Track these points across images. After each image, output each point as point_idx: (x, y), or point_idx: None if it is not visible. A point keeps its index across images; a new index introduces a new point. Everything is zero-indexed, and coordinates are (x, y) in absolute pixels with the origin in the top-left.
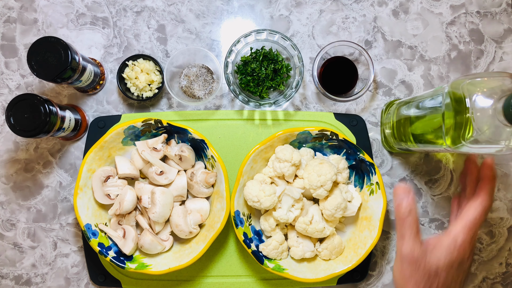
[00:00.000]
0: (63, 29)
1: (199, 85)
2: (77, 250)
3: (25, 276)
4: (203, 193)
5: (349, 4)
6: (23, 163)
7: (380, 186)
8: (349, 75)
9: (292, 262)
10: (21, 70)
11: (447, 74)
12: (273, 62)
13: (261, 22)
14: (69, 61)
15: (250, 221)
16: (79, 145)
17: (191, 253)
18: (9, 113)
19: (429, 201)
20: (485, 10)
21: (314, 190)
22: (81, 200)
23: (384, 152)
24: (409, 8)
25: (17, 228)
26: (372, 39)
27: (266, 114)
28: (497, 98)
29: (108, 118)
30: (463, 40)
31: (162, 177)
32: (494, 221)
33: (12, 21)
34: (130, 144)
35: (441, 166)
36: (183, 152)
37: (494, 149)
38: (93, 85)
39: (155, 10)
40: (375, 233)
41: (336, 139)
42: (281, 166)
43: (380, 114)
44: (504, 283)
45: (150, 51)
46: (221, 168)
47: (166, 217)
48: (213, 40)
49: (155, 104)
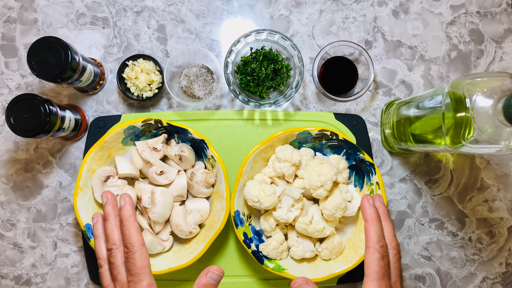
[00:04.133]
0: (63, 29)
1: (199, 85)
2: (77, 250)
3: (25, 276)
4: (203, 193)
5: (349, 4)
6: (23, 163)
7: (380, 186)
8: (349, 75)
9: (292, 262)
10: (21, 70)
11: (447, 74)
12: (273, 62)
13: (261, 22)
14: (69, 61)
15: (250, 221)
16: (79, 145)
17: (191, 253)
18: (9, 113)
19: (429, 201)
20: (485, 10)
21: (314, 190)
22: (81, 200)
23: (384, 152)
24: (409, 8)
25: (17, 228)
26: (372, 39)
27: (266, 114)
28: (497, 98)
29: (108, 118)
30: (463, 40)
31: (162, 177)
32: (494, 221)
33: (12, 21)
34: (130, 144)
35: (441, 166)
36: (183, 152)
37: (494, 149)
38: (93, 85)
39: (155, 10)
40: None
41: (336, 139)
42: (281, 166)
43: (380, 114)
44: (504, 283)
45: (150, 51)
46: (221, 168)
47: (166, 217)
48: (213, 40)
49: (155, 104)
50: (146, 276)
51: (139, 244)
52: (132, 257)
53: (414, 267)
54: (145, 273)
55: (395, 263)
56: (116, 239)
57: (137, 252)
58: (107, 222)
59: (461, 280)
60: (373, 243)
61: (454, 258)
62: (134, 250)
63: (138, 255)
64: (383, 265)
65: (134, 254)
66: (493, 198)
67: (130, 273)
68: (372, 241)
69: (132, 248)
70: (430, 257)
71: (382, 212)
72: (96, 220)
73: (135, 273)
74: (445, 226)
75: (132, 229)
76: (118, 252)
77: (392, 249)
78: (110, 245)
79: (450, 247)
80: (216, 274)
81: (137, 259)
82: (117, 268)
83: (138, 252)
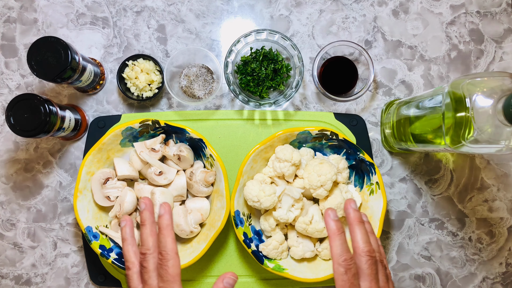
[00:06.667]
0: (63, 29)
1: (199, 85)
2: (77, 250)
3: (25, 276)
4: (203, 192)
5: (349, 4)
6: (23, 163)
7: (380, 186)
8: (349, 75)
9: (292, 262)
10: (21, 70)
11: (447, 74)
12: (273, 62)
13: (261, 22)
14: (69, 61)
15: (250, 221)
16: (79, 145)
17: (192, 252)
18: (9, 113)
19: (429, 201)
20: (485, 10)
21: (314, 190)
22: (81, 203)
23: (384, 152)
24: (409, 8)
25: (17, 228)
26: (372, 39)
27: (266, 114)
28: (497, 98)
29: (108, 118)
30: (463, 40)
31: (161, 178)
32: (494, 221)
33: (12, 21)
34: (129, 146)
35: (441, 166)
36: (182, 152)
37: (494, 149)
38: (93, 85)
39: (155, 10)
40: (375, 233)
41: (336, 139)
42: (281, 166)
43: (380, 114)
44: (504, 283)
45: (150, 51)
46: (220, 167)
47: None
48: (213, 40)
49: (155, 104)
50: (177, 284)
51: (173, 252)
52: (166, 264)
53: (414, 267)
54: (176, 281)
55: (368, 269)
56: (151, 245)
57: (171, 260)
58: (144, 227)
59: (461, 280)
60: (336, 258)
61: (454, 258)
62: (169, 258)
63: (172, 263)
64: (347, 278)
65: (168, 262)
66: (493, 198)
67: (162, 279)
68: (335, 256)
69: (167, 256)
70: (430, 257)
71: (353, 218)
72: (124, 224)
73: (167, 280)
74: (445, 226)
75: (169, 238)
76: (151, 258)
77: (364, 256)
78: (144, 250)
79: (450, 247)
80: (232, 279)
81: (171, 266)
82: (149, 272)
83: (172, 260)
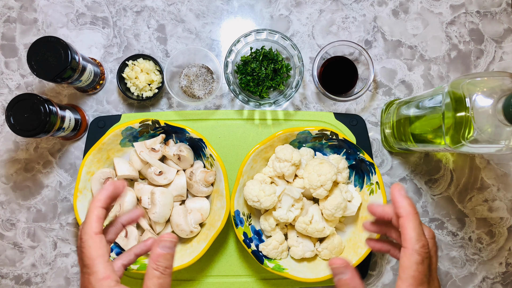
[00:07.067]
0: (63, 29)
1: (199, 85)
2: (77, 250)
3: (25, 276)
4: (203, 192)
5: (349, 4)
6: (23, 163)
7: (380, 186)
8: (349, 75)
9: (292, 261)
10: (21, 70)
11: (447, 74)
12: (273, 62)
13: (261, 22)
14: (69, 61)
15: (250, 221)
16: (79, 145)
17: (192, 252)
18: (9, 113)
19: (429, 201)
20: (485, 10)
21: (314, 190)
22: (81, 203)
23: (384, 152)
24: (409, 8)
25: (17, 228)
26: (372, 39)
27: (266, 114)
28: (497, 98)
29: (108, 118)
30: (463, 40)
31: (161, 177)
32: (494, 221)
33: (12, 21)
34: (128, 146)
35: (441, 166)
36: (182, 152)
37: (494, 149)
38: (93, 85)
39: (155, 10)
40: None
41: (336, 139)
42: (281, 165)
43: (380, 114)
44: (504, 283)
45: (150, 51)
46: (220, 167)
47: (166, 217)
48: (213, 40)
49: (155, 104)
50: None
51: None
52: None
53: None
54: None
55: (434, 257)
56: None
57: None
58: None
59: (461, 280)
60: (411, 243)
61: (454, 258)
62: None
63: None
64: (422, 270)
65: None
66: (493, 197)
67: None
68: (410, 240)
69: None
70: None
71: (411, 209)
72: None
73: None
74: (445, 226)
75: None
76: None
77: (433, 246)
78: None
79: (450, 247)
80: (169, 242)
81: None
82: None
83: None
